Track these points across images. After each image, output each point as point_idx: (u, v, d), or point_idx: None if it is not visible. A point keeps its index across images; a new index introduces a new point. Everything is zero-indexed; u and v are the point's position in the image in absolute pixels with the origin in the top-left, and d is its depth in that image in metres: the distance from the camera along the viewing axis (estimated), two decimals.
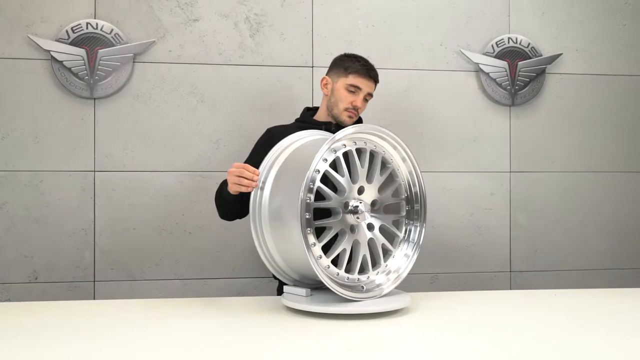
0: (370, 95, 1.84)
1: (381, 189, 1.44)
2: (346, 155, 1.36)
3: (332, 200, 1.32)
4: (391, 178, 1.46)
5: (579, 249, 2.55)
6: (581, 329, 1.29)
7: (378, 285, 1.41)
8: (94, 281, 2.25)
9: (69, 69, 2.21)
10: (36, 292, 2.21)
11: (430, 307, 1.48)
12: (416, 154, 2.41)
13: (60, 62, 2.20)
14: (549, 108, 2.54)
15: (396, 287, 1.46)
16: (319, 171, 1.29)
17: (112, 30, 2.24)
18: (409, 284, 2.42)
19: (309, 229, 1.25)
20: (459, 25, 2.48)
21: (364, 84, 1.79)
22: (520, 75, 2.49)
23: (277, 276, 1.46)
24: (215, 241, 2.32)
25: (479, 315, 1.42)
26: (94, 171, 2.25)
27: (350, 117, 1.80)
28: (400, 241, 1.48)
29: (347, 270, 1.36)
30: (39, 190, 2.22)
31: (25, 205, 2.21)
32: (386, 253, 1.46)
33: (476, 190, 2.49)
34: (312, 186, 1.26)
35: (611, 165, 2.57)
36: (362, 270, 1.41)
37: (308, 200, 1.25)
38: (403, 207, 1.47)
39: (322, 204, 1.31)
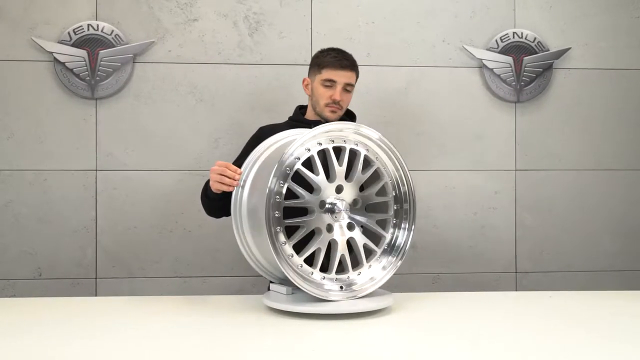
0: (351, 85, 1.77)
1: (364, 188, 1.42)
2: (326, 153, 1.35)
3: (305, 199, 1.31)
4: (377, 176, 1.43)
5: (588, 250, 2.47)
6: (568, 332, 1.25)
7: (359, 286, 1.39)
8: (96, 278, 2.29)
9: (71, 70, 2.25)
10: (40, 289, 2.26)
11: (414, 307, 1.46)
12: (417, 152, 2.42)
13: (63, 64, 2.24)
14: (557, 104, 2.47)
15: (399, 287, 1.45)
16: (290, 169, 1.28)
17: (112, 31, 2.27)
18: (410, 284, 2.41)
19: (278, 227, 1.25)
20: (462, 21, 2.43)
21: (338, 75, 1.73)
22: (526, 70, 2.42)
23: (262, 274, 1.46)
24: (214, 240, 2.33)
25: (460, 317, 1.39)
26: (96, 170, 2.29)
27: (333, 111, 1.75)
28: (387, 243, 1.44)
29: (325, 270, 1.35)
30: (43, 189, 2.27)
31: (30, 204, 2.26)
32: (370, 254, 1.43)
33: (480, 189, 2.44)
34: (282, 184, 1.26)
35: (622, 163, 2.48)
36: (344, 271, 1.40)
37: (278, 199, 1.25)
38: (391, 206, 1.44)
39: (292, 203, 1.31)
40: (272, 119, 2.14)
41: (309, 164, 1.33)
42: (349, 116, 1.88)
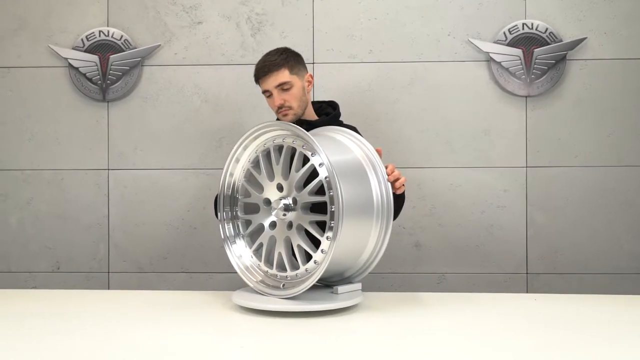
0: (284, 83, 1.70)
1: (304, 186, 1.37)
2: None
3: (252, 196, 1.35)
4: (315, 176, 1.38)
5: (606, 251, 2.33)
6: (532, 337, 1.20)
7: (294, 286, 1.36)
8: (108, 272, 2.41)
9: (84, 75, 2.38)
10: (58, 281, 2.41)
11: (385, 307, 1.44)
12: (421, 149, 2.37)
13: (77, 69, 2.38)
14: (572, 97, 2.34)
15: (402, 286, 1.45)
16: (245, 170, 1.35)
17: (121, 36, 2.38)
18: (414, 284, 2.36)
19: (237, 221, 1.31)
20: (468, 13, 2.36)
21: (266, 84, 1.73)
22: (536, 63, 2.32)
23: None
24: (218, 236, 2.37)
25: (421, 319, 1.37)
26: (108, 169, 2.41)
27: (284, 115, 1.76)
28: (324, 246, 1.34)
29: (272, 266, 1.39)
30: (60, 188, 2.41)
31: (49, 202, 2.41)
32: (310, 255, 1.39)
33: (487, 187, 2.35)
34: (239, 183, 1.33)
35: None
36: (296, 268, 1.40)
37: (237, 195, 1.32)
38: (327, 207, 1.33)
39: (245, 200, 1.36)
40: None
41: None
42: (331, 106, 1.90)
